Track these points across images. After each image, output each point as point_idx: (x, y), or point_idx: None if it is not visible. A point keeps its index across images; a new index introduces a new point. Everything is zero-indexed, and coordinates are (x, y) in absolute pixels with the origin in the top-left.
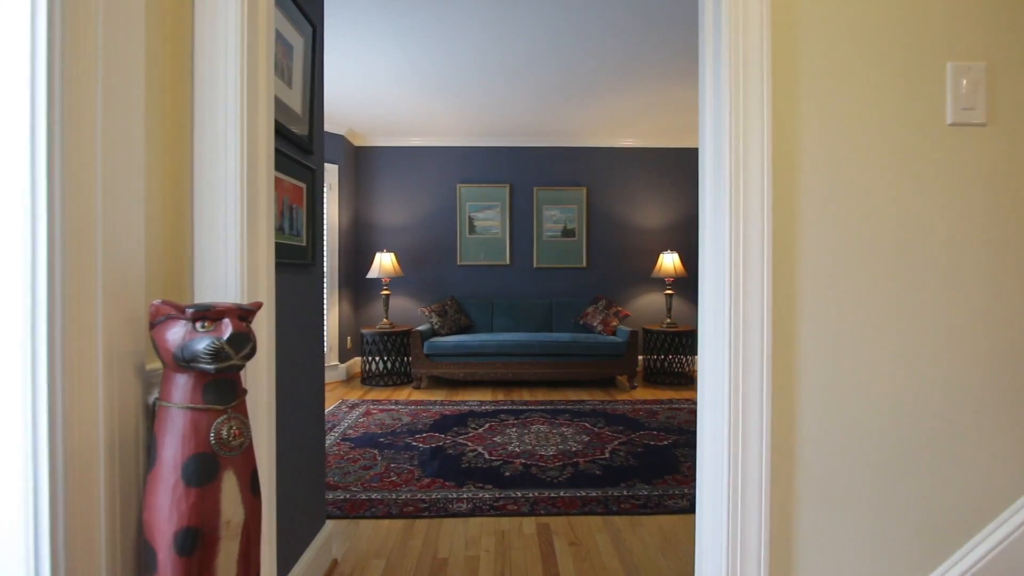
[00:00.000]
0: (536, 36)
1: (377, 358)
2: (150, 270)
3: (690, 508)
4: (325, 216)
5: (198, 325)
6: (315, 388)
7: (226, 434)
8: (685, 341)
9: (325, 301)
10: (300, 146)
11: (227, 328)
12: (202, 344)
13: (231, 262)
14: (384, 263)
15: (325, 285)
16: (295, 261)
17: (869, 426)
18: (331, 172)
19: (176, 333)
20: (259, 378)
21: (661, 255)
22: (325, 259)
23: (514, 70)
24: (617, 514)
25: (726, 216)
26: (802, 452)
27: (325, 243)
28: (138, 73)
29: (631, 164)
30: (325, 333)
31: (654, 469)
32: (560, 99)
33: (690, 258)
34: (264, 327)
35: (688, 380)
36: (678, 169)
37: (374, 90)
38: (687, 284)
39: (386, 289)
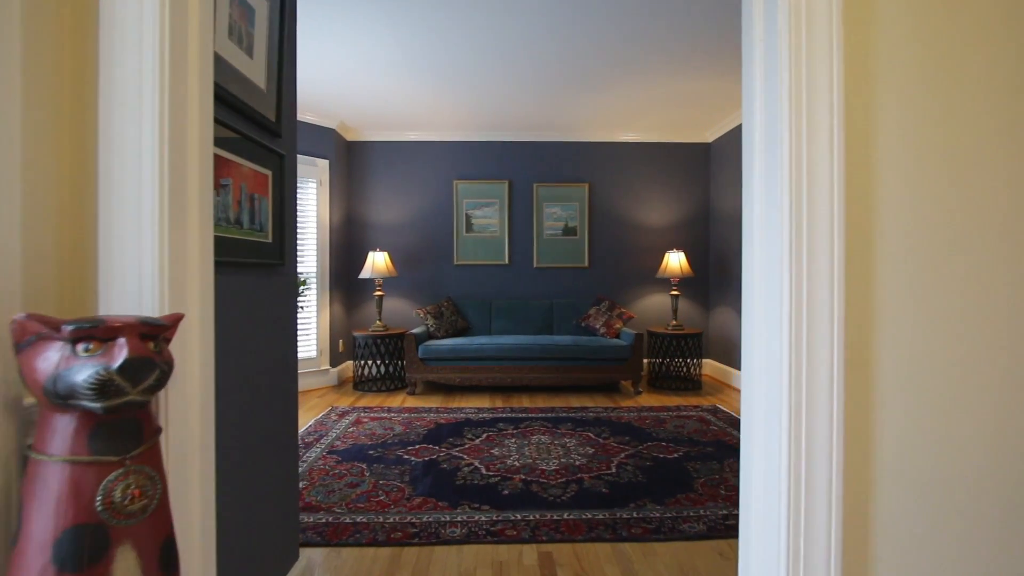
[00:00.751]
0: (534, 20)
1: (370, 362)
2: (36, 279)
3: (708, 534)
4: (316, 214)
5: (79, 348)
6: (286, 405)
7: (120, 496)
8: (691, 344)
9: (315, 303)
10: (265, 127)
11: (120, 351)
12: (83, 374)
13: (147, 265)
14: (377, 263)
15: (316, 285)
16: (259, 260)
17: (961, 469)
18: (322, 168)
19: (48, 359)
20: (189, 409)
21: (667, 254)
22: (316, 259)
23: (512, 58)
24: (627, 540)
25: (785, 223)
26: (879, 499)
27: (316, 242)
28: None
29: (635, 159)
30: (315, 336)
31: (665, 486)
32: (561, 90)
33: (697, 257)
34: (197, 344)
35: (694, 385)
36: (684, 165)
37: (365, 79)
38: (694, 284)
39: (379, 290)
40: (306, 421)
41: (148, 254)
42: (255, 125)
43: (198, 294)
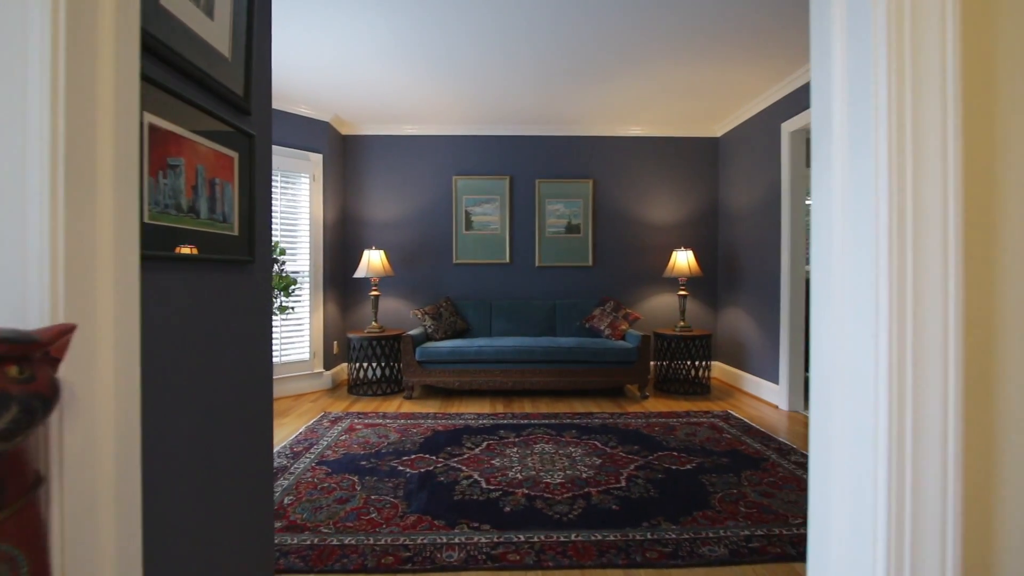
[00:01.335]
0: (533, 5)
1: (366, 364)
2: None
3: (731, 559)
4: (308, 210)
5: None
6: (259, 425)
7: None
8: (700, 346)
9: (309, 303)
10: (230, 101)
11: None
12: None
13: (32, 262)
14: (373, 261)
15: (309, 285)
16: (221, 257)
17: None
18: (315, 162)
19: None
20: (98, 445)
21: (674, 253)
22: (309, 257)
23: (512, 47)
24: (642, 566)
25: (881, 212)
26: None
27: (309, 240)
28: None
29: (641, 154)
30: (308, 338)
31: (680, 502)
32: (563, 81)
33: (705, 256)
34: (110, 361)
35: (703, 389)
36: (692, 160)
37: (356, 68)
38: (702, 284)
39: (375, 289)
40: (297, 428)
41: (34, 248)
42: (216, 98)
43: (112, 298)
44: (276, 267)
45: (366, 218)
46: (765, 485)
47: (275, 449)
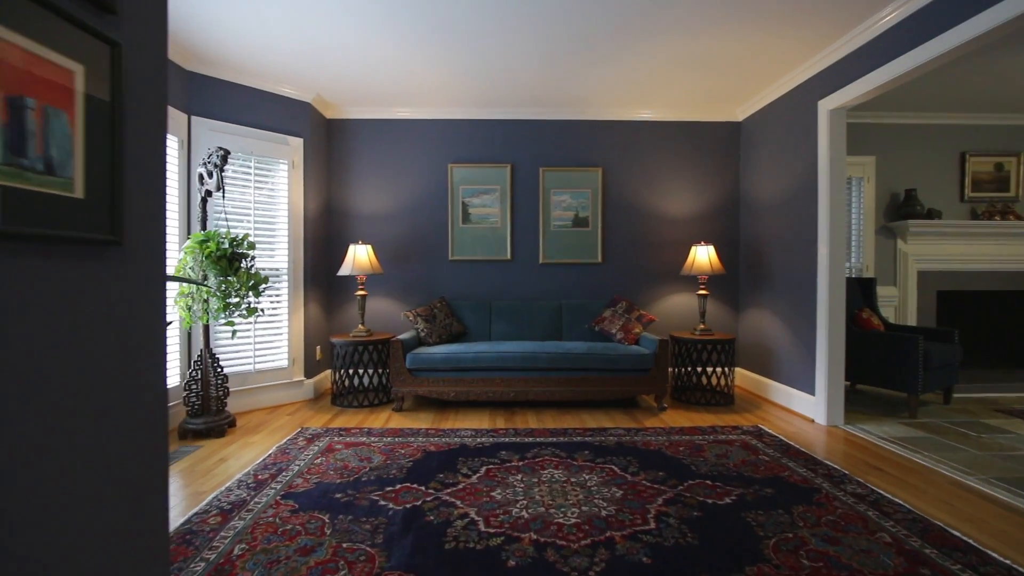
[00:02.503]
0: None
1: (351, 371)
2: None
3: None
4: (288, 200)
5: None
6: (143, 481)
7: None
8: (723, 352)
9: (288, 303)
10: None
11: None
12: None
13: None
14: (359, 257)
15: (288, 284)
16: (50, 232)
17: None
18: (295, 147)
19: None
20: None
21: (693, 248)
22: (288, 252)
23: (512, 14)
24: None
25: None
26: None
27: (288, 233)
28: None
29: (655, 141)
30: (286, 343)
31: (725, 552)
32: (569, 56)
33: (728, 251)
34: None
35: (726, 399)
36: (711, 147)
37: (341, 41)
38: (725, 283)
39: (362, 289)
40: (267, 448)
41: None
42: None
43: None
44: (245, 263)
45: (353, 210)
46: (825, 526)
47: (236, 478)
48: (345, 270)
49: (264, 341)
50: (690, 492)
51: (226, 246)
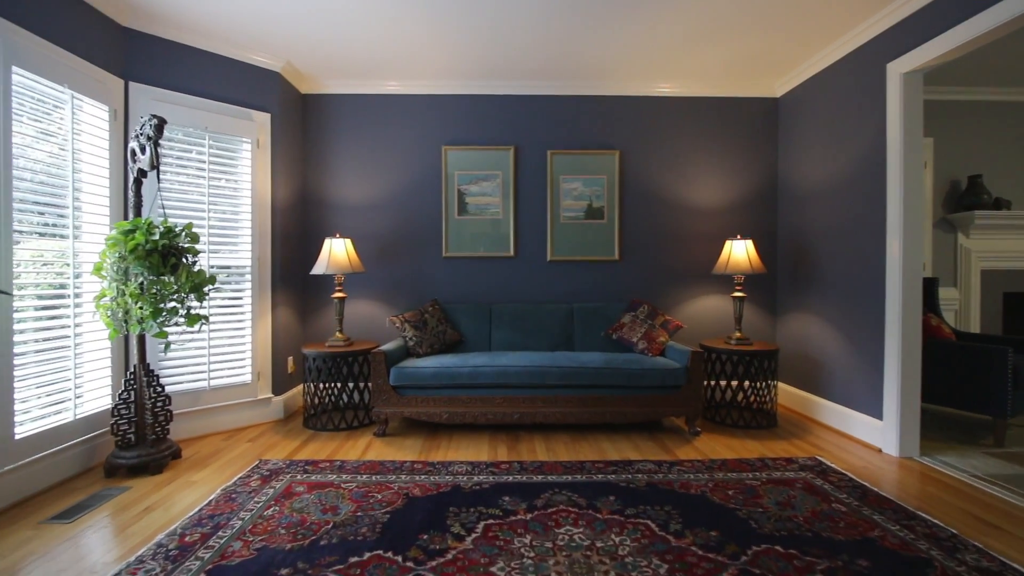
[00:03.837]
0: None
1: (326, 387)
2: None
3: None
4: (252, 186)
5: None
6: None
7: None
8: (764, 365)
9: (251, 308)
10: None
11: None
12: None
13: None
14: (336, 253)
15: (252, 285)
16: None
17: None
18: (260, 124)
19: None
20: None
21: (728, 243)
22: (252, 247)
23: None
24: None
25: None
26: None
27: (251, 225)
28: None
29: (679, 119)
30: (249, 354)
31: None
32: (578, 17)
33: (765, 246)
34: None
35: (768, 420)
36: (747, 127)
37: None
38: (765, 283)
39: (340, 290)
40: (210, 490)
41: None
42: None
43: None
44: (187, 260)
45: (331, 199)
46: None
47: (155, 540)
48: (319, 268)
49: (221, 353)
50: (760, 567)
51: (156, 238)
